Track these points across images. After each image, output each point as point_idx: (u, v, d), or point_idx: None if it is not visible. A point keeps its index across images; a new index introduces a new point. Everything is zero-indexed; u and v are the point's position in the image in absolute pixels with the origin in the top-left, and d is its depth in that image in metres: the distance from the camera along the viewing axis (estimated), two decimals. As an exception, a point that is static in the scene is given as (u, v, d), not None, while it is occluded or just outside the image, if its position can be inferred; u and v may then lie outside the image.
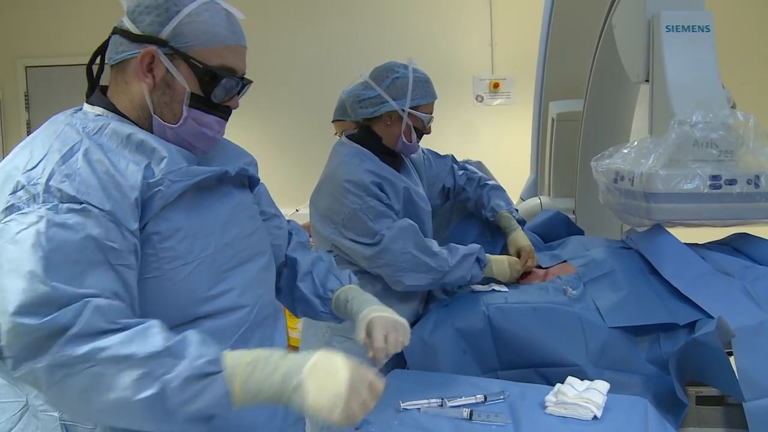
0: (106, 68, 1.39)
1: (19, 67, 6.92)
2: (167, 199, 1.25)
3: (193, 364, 1.11)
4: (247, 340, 1.35)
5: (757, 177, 2.19)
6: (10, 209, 1.14)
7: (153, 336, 1.12)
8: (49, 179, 1.15)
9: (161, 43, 1.30)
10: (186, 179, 1.28)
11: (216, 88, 1.34)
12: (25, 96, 6.94)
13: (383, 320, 1.53)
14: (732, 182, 2.20)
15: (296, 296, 1.71)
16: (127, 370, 1.08)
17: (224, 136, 1.47)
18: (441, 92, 2.43)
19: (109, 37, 1.37)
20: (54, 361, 1.07)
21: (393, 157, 2.40)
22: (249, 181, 1.55)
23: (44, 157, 1.19)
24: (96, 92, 1.39)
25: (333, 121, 3.79)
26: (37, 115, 6.87)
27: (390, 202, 2.27)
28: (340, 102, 3.55)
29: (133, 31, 1.31)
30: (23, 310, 1.07)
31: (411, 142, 2.34)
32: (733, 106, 2.38)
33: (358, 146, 2.37)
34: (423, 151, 2.67)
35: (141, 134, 1.28)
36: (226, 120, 1.42)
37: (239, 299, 1.36)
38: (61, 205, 1.14)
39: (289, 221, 1.81)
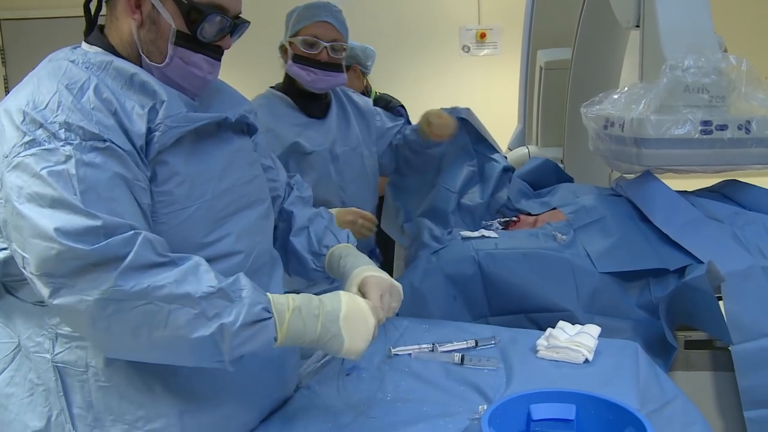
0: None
1: (-8, 20, 6.73)
2: (163, 145, 1.23)
3: (251, 310, 1.16)
4: None
5: (749, 122, 2.18)
6: (30, 144, 1.11)
7: (205, 274, 1.15)
8: (67, 116, 1.13)
9: None
10: (184, 125, 1.26)
11: (202, 25, 1.30)
12: (1, 50, 6.76)
13: (378, 281, 1.46)
14: (723, 128, 2.19)
15: (288, 251, 1.68)
16: (182, 309, 1.11)
17: None
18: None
19: None
20: (106, 294, 1.07)
21: (314, 100, 2.34)
22: (248, 129, 1.52)
23: (55, 94, 1.16)
24: (94, 31, 1.35)
25: None
26: (15, 70, 6.65)
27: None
28: None
29: None
30: (71, 234, 1.06)
31: (303, 71, 2.24)
32: (725, 51, 2.36)
33: (273, 93, 2.34)
34: (377, 110, 2.62)
35: (143, 75, 1.25)
36: (218, 60, 1.38)
37: (235, 245, 1.34)
38: (84, 143, 1.12)
39: (294, 175, 1.78)
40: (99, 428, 1.24)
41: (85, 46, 1.32)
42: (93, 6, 1.36)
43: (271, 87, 2.40)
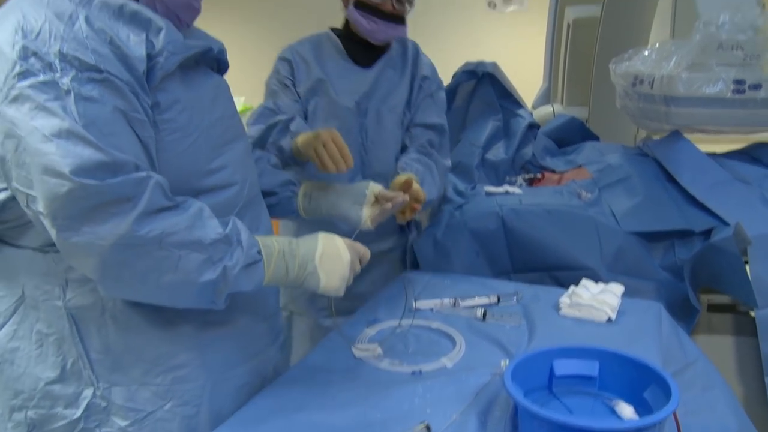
0: None
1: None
2: (167, 71, 1.20)
3: (249, 252, 1.21)
4: (242, 218, 1.31)
5: (784, 82, 2.13)
6: (25, 75, 1.05)
7: (209, 220, 1.18)
8: (61, 46, 1.07)
9: None
10: (183, 52, 1.23)
11: None
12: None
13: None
14: (756, 87, 2.14)
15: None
16: (192, 254, 1.13)
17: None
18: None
19: None
20: (123, 240, 1.06)
21: (367, 49, 2.18)
22: (218, 67, 1.45)
23: (45, 22, 1.09)
24: None
25: None
26: None
27: (293, 78, 2.14)
28: None
29: None
30: (82, 169, 1.03)
31: (364, 19, 2.08)
32: (762, 7, 2.30)
33: (328, 34, 2.22)
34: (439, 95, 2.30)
35: (133, 5, 1.20)
36: None
37: (232, 176, 1.34)
38: (81, 74, 1.07)
39: None
40: (118, 371, 1.24)
41: None
42: None
43: (330, 28, 2.26)
